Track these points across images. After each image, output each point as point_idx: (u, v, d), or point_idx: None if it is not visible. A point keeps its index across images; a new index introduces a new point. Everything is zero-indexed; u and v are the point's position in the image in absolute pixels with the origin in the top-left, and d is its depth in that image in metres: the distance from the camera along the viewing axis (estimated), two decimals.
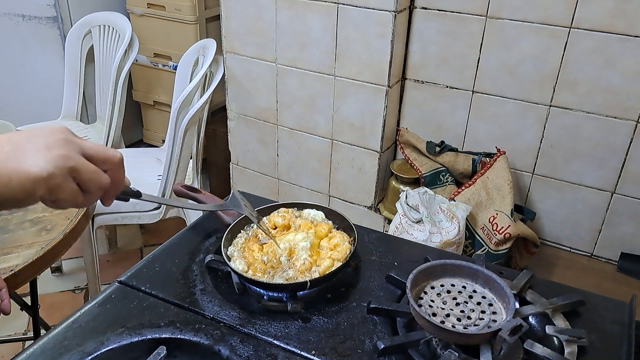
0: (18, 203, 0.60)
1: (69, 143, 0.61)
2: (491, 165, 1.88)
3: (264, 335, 0.86)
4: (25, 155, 0.59)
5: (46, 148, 0.59)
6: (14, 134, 0.61)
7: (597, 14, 1.64)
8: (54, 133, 0.61)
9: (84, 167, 0.62)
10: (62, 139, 0.61)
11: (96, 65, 2.52)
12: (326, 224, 1.06)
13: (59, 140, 0.61)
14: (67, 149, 0.61)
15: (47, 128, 0.62)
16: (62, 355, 0.81)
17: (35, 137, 0.60)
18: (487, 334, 0.78)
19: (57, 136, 0.61)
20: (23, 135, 0.61)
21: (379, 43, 1.87)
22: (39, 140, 0.60)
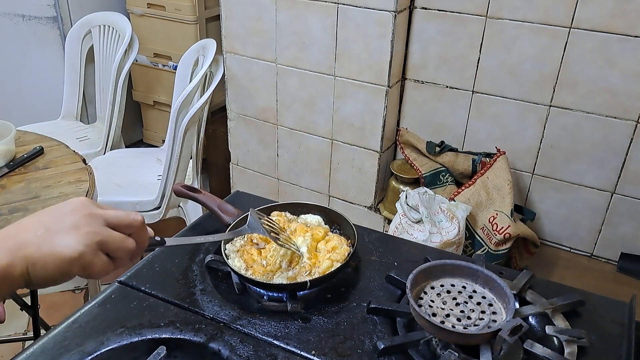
0: (55, 282, 0.64)
1: (93, 218, 0.65)
2: (491, 165, 1.88)
3: (264, 335, 0.86)
4: (56, 238, 0.63)
5: (74, 228, 0.64)
6: (44, 214, 0.66)
7: (597, 14, 1.64)
8: (78, 210, 0.66)
9: (110, 238, 0.66)
10: (86, 215, 0.65)
11: (96, 65, 2.52)
12: (322, 228, 1.06)
13: (84, 217, 0.65)
14: (93, 225, 0.65)
15: (71, 205, 0.66)
16: (62, 355, 0.81)
17: (63, 216, 0.65)
18: (487, 334, 0.78)
19: (82, 212, 0.65)
20: (52, 216, 0.65)
21: (379, 43, 1.87)
22: (66, 220, 0.64)
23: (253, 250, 1.00)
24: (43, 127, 2.39)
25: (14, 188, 1.51)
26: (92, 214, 0.66)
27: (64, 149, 1.73)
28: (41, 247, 0.62)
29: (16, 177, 1.56)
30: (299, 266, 0.95)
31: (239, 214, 1.07)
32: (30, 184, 1.53)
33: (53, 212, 0.66)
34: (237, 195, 1.27)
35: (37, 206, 1.41)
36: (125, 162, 2.33)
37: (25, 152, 1.65)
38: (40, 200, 1.45)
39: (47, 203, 1.43)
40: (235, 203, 1.13)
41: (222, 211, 1.09)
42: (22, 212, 1.39)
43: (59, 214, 0.65)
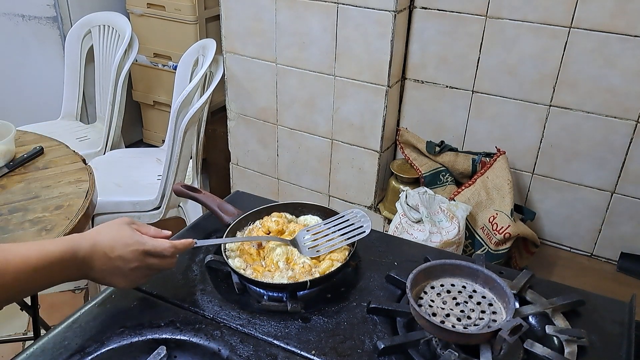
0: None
1: (142, 266, 0.84)
2: (491, 165, 1.88)
3: (264, 335, 0.86)
4: (115, 279, 0.85)
5: (126, 276, 0.85)
6: (114, 259, 0.83)
7: (597, 14, 1.64)
8: (132, 261, 0.83)
9: (152, 273, 0.88)
10: (138, 267, 0.84)
11: (96, 65, 2.52)
12: None
13: (137, 269, 0.84)
14: (142, 272, 0.86)
15: (130, 254, 0.83)
16: (62, 355, 0.81)
17: (124, 263, 0.83)
18: (487, 333, 0.78)
19: (134, 264, 0.84)
20: (117, 262, 0.83)
21: (379, 43, 1.87)
22: (125, 268, 0.84)
23: (252, 250, 1.00)
24: (43, 127, 2.39)
25: (14, 188, 1.51)
26: (143, 264, 0.84)
27: (64, 149, 1.73)
28: (104, 279, 0.84)
29: (16, 177, 1.56)
30: (299, 266, 0.95)
31: (239, 214, 1.07)
32: (30, 184, 1.53)
33: (119, 259, 0.83)
34: (237, 195, 1.27)
35: (37, 206, 1.41)
36: (125, 162, 2.33)
37: (25, 152, 1.65)
38: (40, 200, 1.44)
39: (47, 203, 1.43)
40: (235, 203, 1.13)
41: (222, 211, 1.09)
42: (22, 212, 1.39)
43: (124, 261, 0.83)
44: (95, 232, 0.83)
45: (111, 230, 0.83)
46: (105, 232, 0.83)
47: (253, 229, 1.05)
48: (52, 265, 0.76)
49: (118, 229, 0.84)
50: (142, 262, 0.84)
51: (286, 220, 1.07)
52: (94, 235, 0.82)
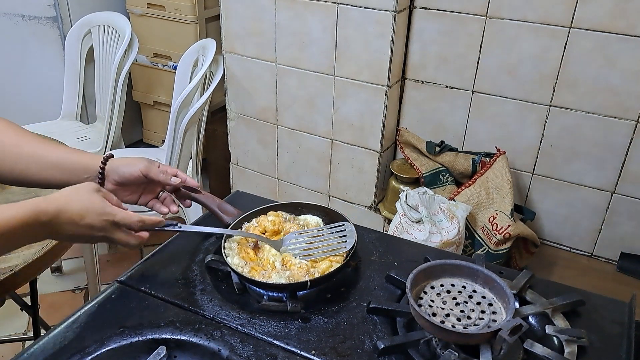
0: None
1: (107, 236, 0.87)
2: (491, 165, 1.88)
3: (264, 335, 0.86)
4: (78, 241, 0.91)
5: (88, 240, 0.90)
6: (82, 226, 0.84)
7: (597, 14, 1.64)
8: (100, 230, 0.86)
9: (115, 243, 0.90)
10: (104, 236, 0.87)
11: (96, 65, 2.52)
12: None
13: (102, 237, 0.88)
14: (106, 239, 0.89)
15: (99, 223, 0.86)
16: (62, 355, 0.81)
17: (91, 231, 0.86)
18: (487, 333, 0.78)
19: (101, 233, 0.86)
20: (84, 229, 0.85)
21: (379, 43, 1.87)
22: (90, 234, 0.86)
23: (249, 249, 1.00)
24: (43, 127, 2.39)
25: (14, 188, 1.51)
26: (109, 228, 0.87)
27: None
28: (64, 239, 0.88)
29: None
30: (296, 266, 0.95)
31: (238, 214, 1.07)
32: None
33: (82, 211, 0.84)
34: (237, 195, 1.27)
35: None
36: None
37: None
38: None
39: None
40: (235, 203, 1.13)
41: (222, 211, 1.09)
42: None
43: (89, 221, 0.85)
44: (63, 197, 0.84)
45: (81, 197, 0.85)
46: (75, 199, 0.84)
47: (249, 228, 1.05)
48: (15, 230, 0.77)
49: (89, 197, 0.85)
50: (109, 232, 0.87)
51: (283, 220, 1.07)
52: (61, 200, 0.83)
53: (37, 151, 0.95)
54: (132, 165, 0.97)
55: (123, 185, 0.99)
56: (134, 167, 0.97)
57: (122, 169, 0.97)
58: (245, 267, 0.96)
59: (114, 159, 0.98)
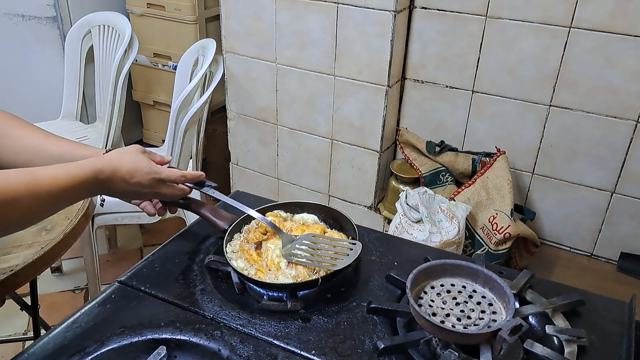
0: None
1: (153, 191, 0.96)
2: (491, 165, 1.88)
3: (264, 335, 0.86)
4: (128, 197, 0.99)
5: (138, 197, 1.00)
6: (133, 184, 0.93)
7: (597, 13, 1.64)
8: (147, 187, 0.94)
9: (160, 197, 1.01)
10: (150, 192, 0.96)
11: (96, 65, 2.52)
12: (319, 225, 1.06)
13: (149, 193, 0.97)
14: (152, 195, 0.98)
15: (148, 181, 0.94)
16: (62, 355, 0.81)
17: (140, 188, 0.94)
18: (487, 333, 0.78)
19: (148, 189, 0.95)
20: (135, 187, 0.93)
21: (379, 43, 1.87)
22: (140, 191, 0.95)
23: (251, 250, 1.00)
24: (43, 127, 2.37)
25: None
26: (155, 184, 0.95)
27: None
28: (117, 195, 0.94)
29: None
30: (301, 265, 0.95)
31: (233, 219, 1.06)
32: None
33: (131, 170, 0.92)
34: (237, 195, 1.27)
35: None
36: None
37: None
38: None
39: None
40: None
41: (216, 217, 1.07)
42: None
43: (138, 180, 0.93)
44: (116, 158, 0.91)
45: (131, 158, 0.93)
46: (126, 159, 0.92)
47: (250, 229, 1.05)
48: (77, 186, 0.84)
49: (137, 158, 0.93)
50: (155, 188, 0.95)
51: (282, 219, 1.07)
52: (115, 161, 0.91)
53: (40, 144, 0.98)
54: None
55: None
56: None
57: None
58: (251, 269, 0.95)
59: (117, 162, 0.99)
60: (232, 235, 1.04)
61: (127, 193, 0.94)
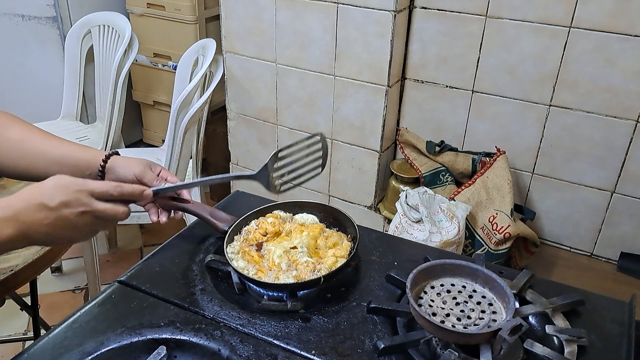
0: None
1: (89, 211, 0.77)
2: (491, 165, 1.88)
3: (264, 335, 0.86)
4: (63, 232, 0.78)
5: (75, 227, 0.78)
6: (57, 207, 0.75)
7: (597, 13, 1.64)
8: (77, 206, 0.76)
9: (104, 223, 0.81)
10: (85, 212, 0.77)
11: (96, 65, 2.52)
12: (317, 225, 1.06)
13: (85, 216, 0.77)
14: (91, 220, 0.78)
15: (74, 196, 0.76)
16: (62, 355, 0.81)
17: (70, 210, 0.76)
18: (487, 333, 0.78)
19: (80, 208, 0.76)
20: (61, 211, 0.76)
21: (379, 43, 1.87)
22: (71, 216, 0.76)
23: (253, 252, 0.99)
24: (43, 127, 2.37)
25: (14, 188, 1.51)
26: (87, 201, 0.77)
27: None
28: (46, 236, 0.76)
29: None
30: (302, 265, 0.95)
31: (232, 220, 1.06)
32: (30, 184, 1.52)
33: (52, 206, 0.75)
34: (237, 195, 1.27)
35: None
36: None
37: None
38: None
39: None
40: (235, 203, 1.13)
41: (215, 218, 1.06)
42: None
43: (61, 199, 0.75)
44: (28, 188, 0.77)
45: (46, 181, 0.77)
46: (40, 184, 0.77)
47: (250, 230, 1.04)
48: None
49: (57, 177, 0.78)
50: (90, 206, 0.77)
51: (281, 221, 1.07)
52: (26, 190, 0.76)
53: (42, 147, 0.95)
54: (129, 168, 0.95)
55: None
56: (129, 170, 0.95)
57: (119, 169, 0.96)
58: (251, 269, 0.95)
59: (117, 157, 0.97)
60: (232, 237, 1.04)
61: (57, 225, 0.75)
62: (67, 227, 0.76)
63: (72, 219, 0.76)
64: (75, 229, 0.77)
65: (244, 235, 1.04)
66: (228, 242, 1.01)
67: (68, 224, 0.76)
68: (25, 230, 0.73)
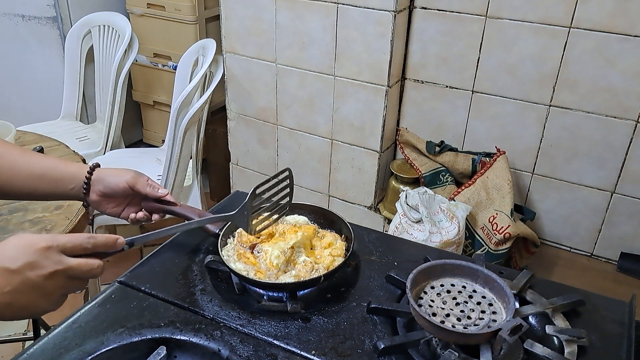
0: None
1: (61, 270, 0.67)
2: (491, 165, 1.88)
3: (264, 335, 0.86)
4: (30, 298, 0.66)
5: (44, 291, 0.67)
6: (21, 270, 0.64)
7: (597, 13, 1.64)
8: (46, 266, 0.65)
9: (76, 283, 0.71)
10: (56, 272, 0.66)
11: (96, 65, 2.52)
12: (310, 226, 1.06)
13: (56, 276, 0.67)
14: (63, 281, 0.68)
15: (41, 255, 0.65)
16: (62, 355, 0.81)
17: (36, 272, 0.65)
18: (487, 333, 0.78)
19: (50, 268, 0.66)
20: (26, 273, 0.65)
21: (379, 43, 1.87)
22: (39, 279, 0.65)
23: (248, 253, 0.99)
24: (43, 127, 2.39)
25: None
26: (57, 258, 0.67)
27: (64, 149, 1.73)
28: (9, 306, 0.64)
29: None
30: (300, 264, 0.95)
31: (223, 223, 1.06)
32: None
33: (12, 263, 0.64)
34: (237, 195, 1.27)
35: (37, 206, 1.41)
36: (125, 162, 2.33)
37: None
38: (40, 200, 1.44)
39: (47, 203, 1.43)
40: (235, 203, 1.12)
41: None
42: (22, 212, 1.39)
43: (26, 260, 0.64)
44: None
45: (6, 241, 0.66)
46: (0, 245, 0.66)
47: (242, 233, 1.04)
48: None
49: (18, 236, 0.67)
50: (60, 264, 0.66)
51: None
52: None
53: (20, 161, 0.91)
54: (119, 176, 0.94)
55: (107, 197, 0.96)
56: (120, 178, 0.94)
57: (109, 178, 0.94)
58: (251, 271, 0.95)
59: (101, 169, 0.95)
60: (226, 239, 1.03)
61: (23, 290, 0.64)
62: (34, 294, 0.65)
63: (40, 282, 0.65)
64: (42, 296, 0.66)
65: (237, 237, 1.03)
66: (222, 245, 1.01)
67: (34, 289, 0.65)
68: None
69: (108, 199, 0.96)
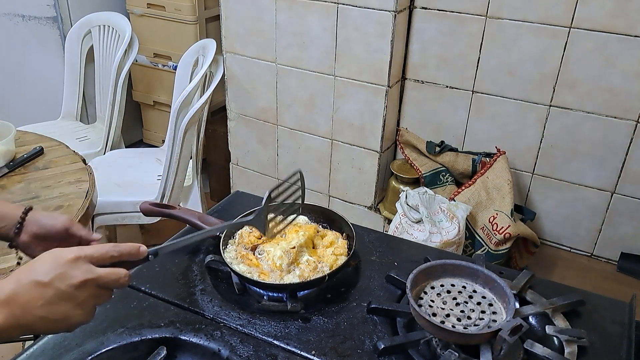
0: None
1: (90, 280, 0.68)
2: (491, 165, 1.88)
3: (264, 335, 0.86)
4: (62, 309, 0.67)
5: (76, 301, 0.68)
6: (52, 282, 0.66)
7: (597, 14, 1.64)
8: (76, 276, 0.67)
9: (105, 293, 0.71)
10: (86, 282, 0.67)
11: (96, 65, 2.52)
12: (311, 226, 1.06)
13: (86, 286, 0.68)
14: (93, 290, 0.69)
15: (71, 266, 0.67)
16: (62, 355, 0.81)
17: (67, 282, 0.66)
18: (487, 334, 0.78)
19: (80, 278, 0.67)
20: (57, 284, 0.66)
21: (379, 43, 1.87)
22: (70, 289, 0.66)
23: (250, 255, 0.99)
24: (43, 127, 2.39)
25: (14, 188, 1.51)
26: (86, 268, 0.68)
27: (64, 149, 1.73)
28: (41, 320, 0.65)
29: (16, 177, 1.56)
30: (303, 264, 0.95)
31: (222, 224, 1.05)
32: (30, 184, 1.53)
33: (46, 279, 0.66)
34: (237, 195, 1.27)
35: (37, 206, 1.41)
36: (125, 162, 2.33)
37: (25, 152, 1.65)
38: (40, 201, 1.45)
39: (47, 203, 1.43)
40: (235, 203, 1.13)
41: (204, 224, 1.05)
42: None
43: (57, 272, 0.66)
44: (16, 270, 0.68)
45: (36, 258, 0.69)
46: (29, 263, 0.69)
47: (243, 234, 1.04)
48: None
49: (47, 252, 0.69)
50: (90, 273, 0.68)
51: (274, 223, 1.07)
52: (15, 273, 0.67)
53: None
54: (55, 218, 0.91)
55: (39, 239, 0.91)
56: (56, 220, 0.90)
57: (44, 220, 0.91)
58: (254, 273, 0.95)
59: (35, 211, 0.92)
60: (226, 242, 1.03)
61: (54, 302, 0.66)
62: (67, 305, 0.66)
63: (72, 293, 0.66)
64: (76, 306, 0.67)
65: (238, 239, 1.03)
66: (223, 247, 1.01)
67: (67, 300, 0.66)
68: (19, 315, 0.64)
69: (38, 241, 0.91)
